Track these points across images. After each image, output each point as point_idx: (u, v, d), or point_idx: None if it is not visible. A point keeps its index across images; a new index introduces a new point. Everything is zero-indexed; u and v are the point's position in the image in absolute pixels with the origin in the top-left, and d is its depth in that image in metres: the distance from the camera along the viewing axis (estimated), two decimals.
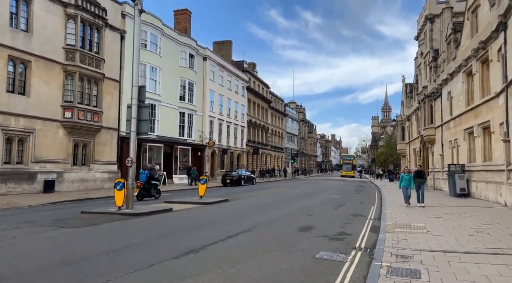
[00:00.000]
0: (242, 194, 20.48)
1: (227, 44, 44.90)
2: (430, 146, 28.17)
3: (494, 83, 15.83)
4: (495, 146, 15.82)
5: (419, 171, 15.13)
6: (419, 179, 14.49)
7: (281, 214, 12.23)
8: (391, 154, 60.13)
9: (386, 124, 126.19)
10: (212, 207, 13.13)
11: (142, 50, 26.10)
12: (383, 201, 17.52)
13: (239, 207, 13.67)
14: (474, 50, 17.72)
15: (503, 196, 14.32)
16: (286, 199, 17.83)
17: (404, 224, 10.48)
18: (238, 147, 42.45)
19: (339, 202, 17.07)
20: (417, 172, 14.91)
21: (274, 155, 58.82)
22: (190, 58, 31.88)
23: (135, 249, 6.69)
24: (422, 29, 31.22)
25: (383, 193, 22.23)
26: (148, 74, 26.47)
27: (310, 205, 15.51)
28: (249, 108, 46.24)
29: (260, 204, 15.13)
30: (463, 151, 20.10)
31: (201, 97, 33.89)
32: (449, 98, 23.00)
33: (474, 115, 18.24)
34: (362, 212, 13.42)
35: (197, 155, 33.12)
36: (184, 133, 31.03)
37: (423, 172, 15.03)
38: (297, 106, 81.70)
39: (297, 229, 9.34)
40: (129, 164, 11.14)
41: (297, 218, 11.39)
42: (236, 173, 29.81)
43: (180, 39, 30.69)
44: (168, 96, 29.08)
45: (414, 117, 35.50)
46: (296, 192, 22.94)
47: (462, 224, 10.02)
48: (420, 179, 14.53)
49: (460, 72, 20.31)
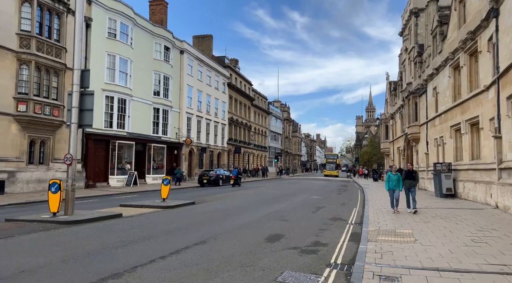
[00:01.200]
0: (215, 195, 18.92)
1: (207, 39, 43.14)
2: (415, 144, 27.24)
3: (484, 76, 14.77)
4: (484, 143, 14.77)
5: (410, 170, 12.58)
6: (409, 181, 12.23)
7: (250, 219, 10.76)
8: (375, 153, 59.55)
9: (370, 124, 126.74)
10: (172, 212, 11.54)
11: (111, 40, 24.30)
12: (366, 202, 16.32)
13: (205, 211, 12.11)
14: (461, 42, 16.67)
15: (494, 197, 13.24)
16: (262, 201, 16.39)
17: (388, 230, 9.17)
18: (219, 145, 40.82)
19: (319, 203, 15.74)
20: (407, 172, 12.54)
21: (257, 154, 57.40)
22: (165, 51, 30.08)
23: (28, 278, 4.92)
24: (407, 24, 30.30)
25: (367, 193, 21.08)
26: (118, 66, 24.59)
27: (287, 207, 14.11)
28: (230, 105, 44.64)
29: (231, 207, 13.62)
30: (449, 149, 19.09)
31: (177, 92, 32.12)
32: (434, 94, 22.02)
33: (461, 111, 17.21)
34: (342, 216, 12.10)
35: (173, 153, 31.34)
36: (159, 131, 29.21)
37: (414, 172, 12.49)
38: (282, 105, 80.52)
39: (264, 238, 7.88)
40: (67, 161, 9.46)
41: (268, 224, 9.94)
42: (213, 173, 28.21)
43: (155, 30, 28.86)
44: (141, 90, 27.24)
45: (398, 115, 34.64)
46: (274, 193, 21.54)
47: (454, 230, 8.77)
48: (411, 180, 12.26)
49: (447, 66, 19.29)
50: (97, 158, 23.45)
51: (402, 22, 32.20)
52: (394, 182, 12.00)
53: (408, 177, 12.31)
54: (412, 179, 12.27)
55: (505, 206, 11.97)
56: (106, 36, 23.98)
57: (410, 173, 12.48)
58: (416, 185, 12.33)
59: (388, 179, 12.21)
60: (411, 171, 12.57)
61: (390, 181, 12.08)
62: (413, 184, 12.20)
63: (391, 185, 12.05)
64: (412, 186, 12.14)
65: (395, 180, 12.00)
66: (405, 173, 12.54)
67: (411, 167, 12.83)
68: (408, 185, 12.15)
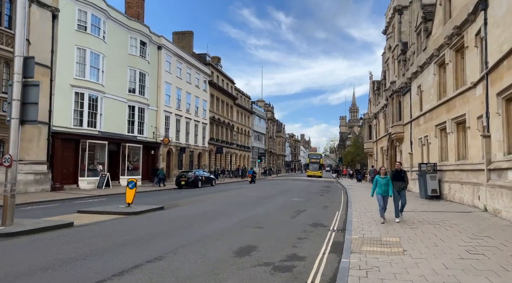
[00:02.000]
0: (190, 198, 17.74)
1: (187, 35, 41.76)
2: (398, 144, 26.73)
3: (471, 73, 14.14)
4: (471, 143, 14.14)
5: (398, 170, 10.75)
6: (398, 183, 10.44)
7: (222, 226, 9.69)
8: (358, 153, 59.40)
9: (353, 124, 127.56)
10: (135, 219, 10.34)
11: (81, 33, 22.78)
12: (349, 204, 15.49)
13: (173, 217, 10.95)
14: (447, 38, 16.05)
15: (482, 199, 12.58)
16: (239, 204, 15.33)
17: (373, 238, 8.28)
18: (199, 145, 39.51)
19: (300, 206, 14.80)
20: (395, 173, 10.72)
21: (240, 154, 56.30)
22: (141, 46, 28.63)
23: None
24: (390, 21, 29.83)
25: (350, 195, 20.31)
26: (89, 61, 23.05)
27: (265, 211, 13.10)
28: (212, 104, 43.38)
29: (203, 212, 12.50)
30: (434, 148, 18.51)
31: (155, 90, 30.69)
32: (419, 93, 21.47)
33: (447, 110, 16.60)
34: (324, 220, 11.17)
35: (150, 153, 29.92)
36: (134, 130, 27.75)
37: (403, 172, 10.67)
38: (266, 105, 79.71)
39: (232, 252, 6.83)
40: (6, 162, 8.16)
41: (241, 232, 8.89)
42: (192, 174, 26.92)
43: (130, 24, 27.40)
44: (115, 87, 25.76)
45: (382, 114, 34.21)
46: (254, 195, 20.51)
47: (445, 238, 7.94)
48: (400, 182, 10.46)
49: (431, 63, 18.70)
50: (65, 158, 21.88)
51: (385, 20, 31.74)
52: (383, 186, 10.11)
53: (396, 178, 10.52)
54: (401, 181, 10.49)
55: (495, 209, 11.29)
56: (76, 29, 22.44)
57: (398, 173, 10.65)
58: (406, 187, 10.58)
59: (375, 183, 10.29)
60: (399, 171, 10.71)
61: (379, 186, 10.17)
62: (402, 186, 10.42)
63: (379, 190, 10.15)
64: (402, 189, 10.38)
65: (384, 184, 10.11)
66: (392, 174, 10.75)
67: (399, 166, 10.97)
68: (397, 188, 10.33)
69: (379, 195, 10.17)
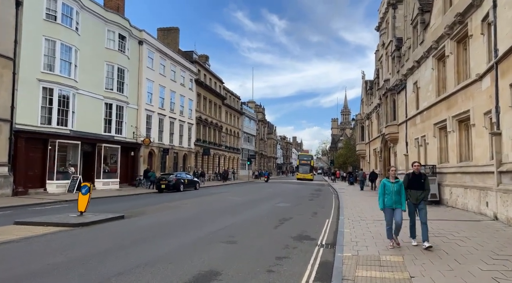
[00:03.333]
0: (163, 204, 15.94)
1: (173, 32, 39.93)
2: (393, 145, 25.31)
3: (475, 64, 12.70)
4: (476, 142, 12.67)
5: (417, 174, 7.40)
6: (416, 192, 7.27)
7: (185, 241, 7.96)
8: (350, 155, 58.13)
9: (345, 126, 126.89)
10: (80, 233, 8.53)
11: (50, 23, 20.86)
12: (341, 210, 13.93)
13: (129, 230, 9.15)
14: (448, 27, 14.62)
15: (491, 206, 11.07)
16: (217, 211, 13.61)
17: (370, 256, 6.68)
18: (185, 146, 37.65)
19: (286, 213, 13.14)
20: (413, 178, 7.36)
21: (229, 156, 54.50)
22: (120, 40, 26.77)
23: None
24: (384, 17, 28.50)
25: (342, 199, 18.76)
26: (59, 54, 21.13)
27: (244, 220, 11.41)
28: (198, 103, 41.58)
29: (171, 221, 10.74)
30: (433, 149, 17.05)
31: (135, 87, 28.81)
32: (415, 90, 20.05)
33: (447, 107, 15.15)
34: (311, 231, 9.54)
35: (129, 155, 27.99)
36: (112, 129, 25.83)
37: (424, 177, 7.41)
38: (256, 106, 78.08)
39: (185, 282, 5.11)
40: None
41: (207, 250, 7.18)
42: (173, 177, 25.07)
43: (107, 16, 25.54)
44: (90, 83, 23.85)
45: (375, 115, 32.84)
46: (237, 200, 18.80)
47: (461, 257, 6.34)
48: (419, 190, 7.27)
49: (430, 57, 17.28)
50: (30, 159, 19.90)
51: (379, 16, 30.42)
52: (393, 195, 7.14)
53: (413, 185, 7.30)
54: (420, 189, 7.25)
55: (508, 218, 9.76)
56: (44, 18, 20.52)
57: (417, 178, 7.31)
58: (427, 198, 7.41)
59: (382, 191, 7.31)
60: (418, 175, 7.37)
61: (387, 194, 7.22)
62: (421, 196, 7.25)
63: (388, 200, 7.20)
64: (421, 200, 7.27)
65: (395, 192, 7.15)
66: (407, 179, 7.41)
67: (419, 168, 7.48)
68: (415, 199, 7.26)
69: (387, 207, 7.26)
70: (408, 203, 7.43)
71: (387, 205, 7.29)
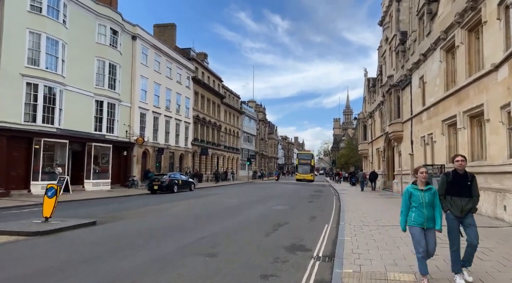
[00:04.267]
0: (149, 207, 14.78)
1: (169, 28, 38.85)
2: (397, 144, 24.08)
3: (490, 53, 11.51)
4: (491, 139, 11.47)
5: (461, 174, 5.14)
6: (463, 200, 5.00)
7: (158, 254, 6.81)
8: (352, 155, 56.88)
9: (347, 126, 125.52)
10: (36, 243, 7.32)
11: (35, 15, 19.78)
12: (341, 214, 12.74)
13: (97, 239, 7.90)
14: (458, 15, 13.44)
15: (510, 210, 9.87)
16: (206, 216, 12.45)
17: (375, 273, 5.53)
18: (181, 146, 36.53)
19: (281, 218, 11.98)
20: (456, 178, 5.12)
21: (228, 156, 53.36)
22: (112, 35, 25.69)
23: None
24: (387, 11, 27.27)
25: (343, 201, 17.57)
26: (45, 47, 20.04)
27: (233, 226, 10.25)
28: (196, 102, 40.44)
29: (150, 229, 9.55)
30: (441, 148, 15.85)
31: (128, 84, 27.71)
32: (421, 85, 18.85)
33: (457, 101, 13.95)
34: (307, 240, 8.38)
35: (121, 154, 26.89)
36: (102, 128, 24.73)
37: (471, 178, 5.15)
38: (257, 105, 76.93)
39: None
40: None
41: (179, 266, 6.02)
42: (167, 177, 23.93)
43: (98, 9, 24.46)
44: (79, 79, 22.78)
45: (378, 113, 31.61)
46: (232, 202, 17.65)
47: (486, 277, 5.16)
48: (465, 197, 5.01)
49: (437, 49, 16.09)
50: (13, 159, 18.83)
51: (382, 10, 29.16)
52: (424, 208, 4.85)
53: (455, 190, 5.05)
54: (466, 195, 5.02)
55: None
56: (28, 10, 19.46)
57: (461, 179, 5.10)
58: (475, 208, 5.11)
59: (407, 202, 5.01)
60: (463, 175, 5.14)
61: (416, 207, 4.90)
62: (468, 206, 5.00)
63: (417, 216, 4.86)
64: (467, 212, 5.00)
65: (426, 204, 4.86)
66: (447, 181, 5.16)
67: (463, 163, 5.16)
68: (459, 210, 4.99)
69: (416, 226, 4.86)
70: (448, 216, 5.06)
71: (416, 222, 4.85)
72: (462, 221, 5.05)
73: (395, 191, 23.74)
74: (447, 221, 5.13)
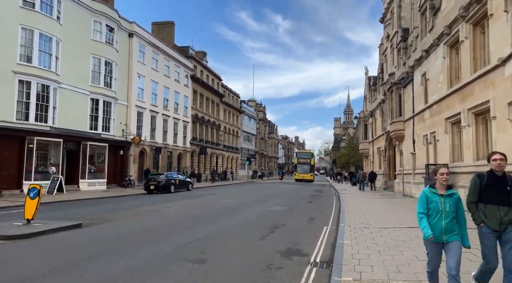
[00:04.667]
0: (141, 208, 14.28)
1: (168, 26, 38.37)
2: (398, 143, 23.58)
3: (497, 48, 11.01)
4: (497, 137, 10.98)
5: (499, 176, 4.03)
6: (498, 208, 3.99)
7: (142, 260, 6.32)
8: (353, 155, 56.38)
9: (348, 126, 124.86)
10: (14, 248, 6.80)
11: (27, 11, 19.30)
12: (341, 215, 12.24)
13: (79, 243, 7.35)
14: (462, 9, 12.94)
15: None
16: (199, 217, 11.96)
17: (377, 281, 5.05)
18: (180, 145, 36.05)
19: (278, 219, 11.49)
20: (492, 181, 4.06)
21: (228, 155, 52.89)
22: (108, 32, 25.23)
23: None
24: (388, 7, 26.78)
25: (343, 201, 17.08)
26: (38, 44, 19.58)
27: (227, 228, 9.77)
28: (195, 101, 39.97)
29: (137, 231, 9.04)
30: (444, 146, 15.36)
31: (125, 82, 27.25)
32: (423, 82, 18.35)
33: (462, 98, 13.46)
34: (304, 243, 7.89)
35: (118, 154, 26.43)
36: (98, 126, 24.27)
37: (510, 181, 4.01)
38: (257, 105, 76.42)
39: None
40: None
41: (163, 275, 5.54)
42: (163, 177, 23.44)
43: (94, 6, 23.99)
44: (73, 77, 22.32)
45: (379, 112, 31.10)
46: (229, 202, 17.18)
47: None
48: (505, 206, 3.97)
49: (440, 44, 15.60)
50: (5, 158, 18.37)
51: (383, 6, 28.66)
52: (443, 217, 3.95)
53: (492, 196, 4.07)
54: (505, 204, 4.00)
55: None
56: (20, 5, 19.00)
57: (499, 182, 4.04)
58: None
59: (424, 207, 4.05)
60: (503, 177, 4.03)
61: (434, 215, 3.99)
62: (509, 216, 3.98)
63: (435, 226, 3.96)
64: (508, 224, 3.98)
65: (446, 212, 3.96)
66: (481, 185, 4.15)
67: (501, 163, 3.97)
68: (496, 223, 4.00)
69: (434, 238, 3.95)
70: (482, 230, 4.10)
71: (436, 234, 3.94)
72: (500, 235, 4.01)
73: (397, 191, 23.25)
74: (480, 237, 4.12)
